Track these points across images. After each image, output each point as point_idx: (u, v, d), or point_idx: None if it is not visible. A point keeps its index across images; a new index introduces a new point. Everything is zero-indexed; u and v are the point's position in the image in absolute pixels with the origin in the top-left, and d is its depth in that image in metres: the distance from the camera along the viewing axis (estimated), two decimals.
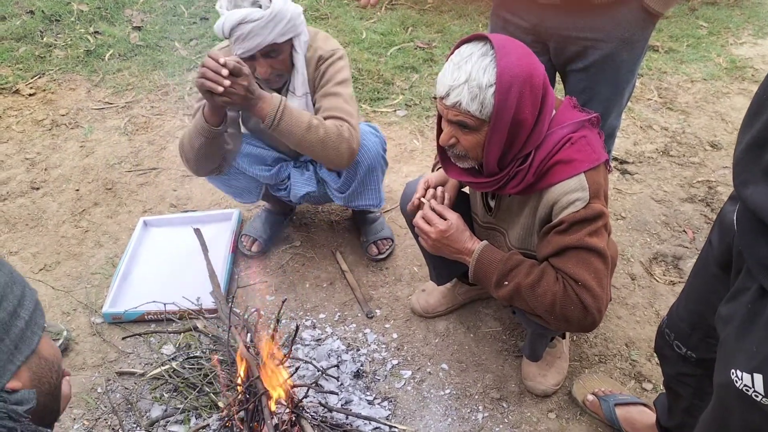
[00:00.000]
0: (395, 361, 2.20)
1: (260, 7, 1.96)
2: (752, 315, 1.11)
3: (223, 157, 2.19)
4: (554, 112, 1.59)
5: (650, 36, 2.01)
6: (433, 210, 1.77)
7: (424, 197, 1.83)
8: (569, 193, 1.51)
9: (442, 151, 1.70)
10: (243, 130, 2.33)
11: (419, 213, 1.78)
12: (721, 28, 4.47)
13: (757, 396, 1.09)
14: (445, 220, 1.73)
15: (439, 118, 1.63)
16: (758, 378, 1.08)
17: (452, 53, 1.51)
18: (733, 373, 1.13)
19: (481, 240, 1.74)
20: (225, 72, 1.84)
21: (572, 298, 1.51)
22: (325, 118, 2.10)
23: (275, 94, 2.02)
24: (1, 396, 0.95)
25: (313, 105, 2.21)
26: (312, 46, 2.18)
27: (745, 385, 1.11)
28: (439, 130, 1.65)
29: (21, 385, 1.00)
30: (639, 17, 1.89)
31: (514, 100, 1.43)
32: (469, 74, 1.44)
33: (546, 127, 1.53)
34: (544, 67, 2.06)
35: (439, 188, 1.84)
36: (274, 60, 2.06)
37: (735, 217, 1.20)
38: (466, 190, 2.01)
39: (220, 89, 1.85)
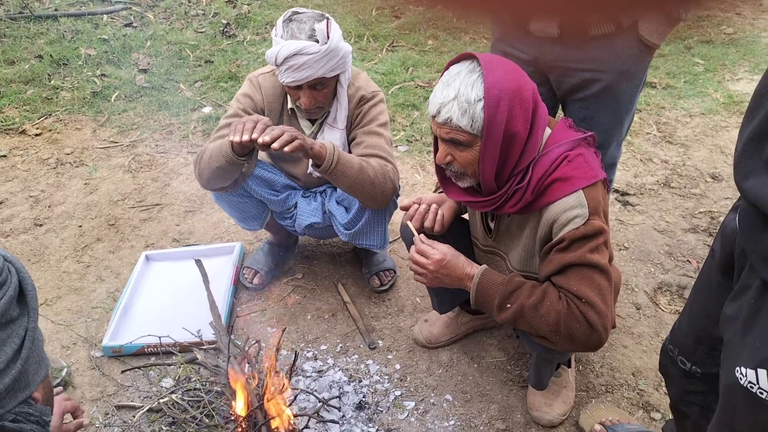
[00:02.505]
0: (398, 392, 2.16)
1: (317, 41, 1.99)
2: (755, 311, 1.10)
3: (235, 179, 2.20)
4: (549, 131, 1.60)
5: (648, 66, 2.05)
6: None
7: (416, 217, 1.85)
8: (568, 210, 1.51)
9: (441, 172, 1.71)
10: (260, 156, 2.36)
11: (412, 249, 1.77)
12: (717, 65, 4.54)
13: (762, 393, 1.08)
14: (433, 248, 1.72)
15: (436, 137, 1.65)
16: (762, 373, 1.07)
17: (442, 74, 1.54)
18: (737, 371, 1.11)
19: (481, 265, 1.73)
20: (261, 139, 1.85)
21: (577, 315, 1.49)
22: (368, 155, 2.14)
23: (327, 141, 2.05)
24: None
25: (348, 141, 2.26)
26: (354, 84, 2.23)
27: (749, 382, 1.09)
28: (437, 150, 1.66)
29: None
30: (636, 49, 1.93)
31: (504, 113, 1.45)
32: (457, 91, 1.47)
33: (540, 139, 1.54)
34: (545, 96, 2.11)
35: (434, 206, 1.85)
36: (319, 92, 2.10)
37: (737, 218, 1.20)
38: (466, 216, 2.02)
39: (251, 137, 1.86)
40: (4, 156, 3.57)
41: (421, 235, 1.77)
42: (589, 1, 0.35)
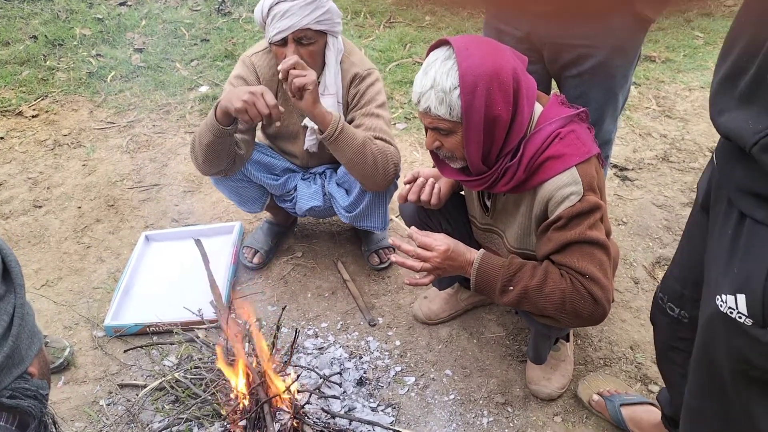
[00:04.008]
0: (398, 368, 2.18)
1: None
2: (733, 240, 1.17)
3: (232, 160, 2.20)
4: (541, 108, 1.60)
5: (643, 41, 2.03)
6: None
7: (414, 187, 1.86)
8: (563, 187, 1.51)
9: (434, 153, 1.71)
10: (257, 138, 2.35)
11: (411, 249, 1.70)
12: (717, 38, 4.50)
13: (740, 317, 1.15)
14: (435, 239, 1.67)
15: None
16: (741, 298, 1.13)
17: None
18: (718, 299, 1.18)
19: (479, 246, 1.73)
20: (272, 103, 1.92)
21: (581, 292, 1.50)
22: None
23: (334, 111, 2.06)
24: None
25: (347, 122, 2.24)
26: (348, 59, 2.21)
27: (729, 308, 1.16)
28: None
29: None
30: (631, 24, 1.91)
31: (481, 98, 1.45)
32: (433, 80, 1.47)
33: (526, 118, 1.54)
34: (539, 74, 2.10)
35: (431, 180, 1.85)
36: (305, 49, 2.07)
37: (714, 155, 1.27)
38: (463, 193, 2.02)
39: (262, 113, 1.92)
40: (2, 138, 3.57)
41: (413, 228, 1.73)
42: None
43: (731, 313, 1.15)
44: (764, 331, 1.13)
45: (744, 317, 1.13)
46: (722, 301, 1.16)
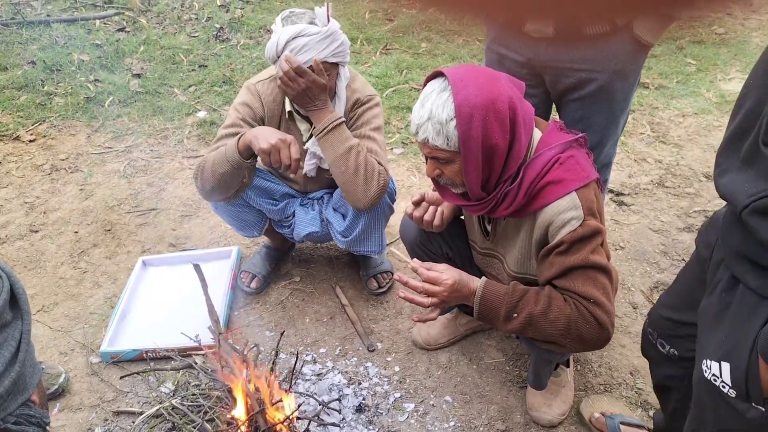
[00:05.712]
0: (398, 395, 2.16)
1: (317, 26, 2.01)
2: (724, 305, 1.14)
3: (236, 189, 2.21)
4: (540, 134, 1.61)
5: (642, 65, 2.06)
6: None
7: (419, 207, 1.87)
8: (563, 212, 1.52)
9: (435, 180, 1.72)
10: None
11: (419, 284, 1.67)
12: (709, 65, 4.57)
13: (724, 387, 1.10)
14: (441, 273, 1.65)
15: None
16: (725, 366, 1.09)
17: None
18: (704, 363, 1.14)
19: (480, 271, 1.73)
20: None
21: (586, 316, 1.50)
22: None
23: (338, 112, 2.10)
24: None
25: None
26: (351, 86, 2.24)
27: (713, 375, 1.12)
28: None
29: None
30: (630, 48, 1.94)
31: (478, 128, 1.46)
32: (430, 111, 1.49)
33: (524, 145, 1.55)
34: (540, 98, 2.12)
35: (432, 207, 1.86)
36: None
37: (723, 215, 1.24)
38: (464, 218, 2.03)
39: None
40: None
41: (415, 260, 1.71)
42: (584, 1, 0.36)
43: (715, 380, 1.11)
44: (748, 405, 1.08)
45: (728, 387, 1.09)
46: (707, 366, 1.12)
